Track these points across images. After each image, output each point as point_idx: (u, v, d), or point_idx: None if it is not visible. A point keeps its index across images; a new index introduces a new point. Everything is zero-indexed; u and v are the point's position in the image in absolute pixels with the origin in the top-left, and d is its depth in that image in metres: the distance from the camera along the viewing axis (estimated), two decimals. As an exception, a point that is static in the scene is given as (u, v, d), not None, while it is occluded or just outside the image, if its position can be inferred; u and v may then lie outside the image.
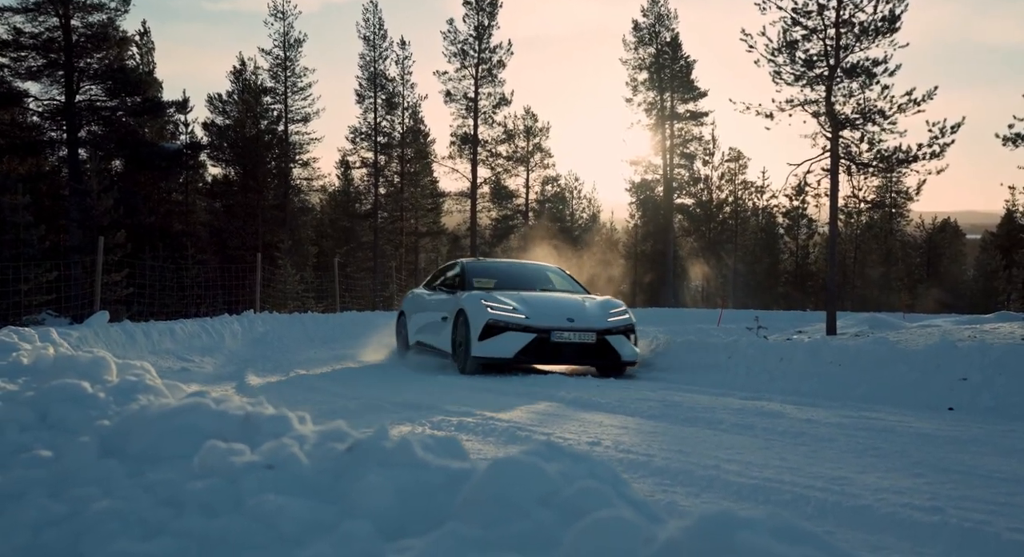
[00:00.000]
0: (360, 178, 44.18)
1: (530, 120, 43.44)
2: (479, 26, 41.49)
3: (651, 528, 1.61)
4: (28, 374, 4.78)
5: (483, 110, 42.03)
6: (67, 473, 2.44)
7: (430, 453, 2.24)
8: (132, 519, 1.98)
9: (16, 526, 1.96)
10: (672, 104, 43.35)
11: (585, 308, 10.71)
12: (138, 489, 2.20)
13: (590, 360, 10.42)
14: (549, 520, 1.74)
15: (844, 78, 21.71)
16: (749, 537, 1.43)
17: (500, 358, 10.13)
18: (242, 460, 2.26)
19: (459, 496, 1.98)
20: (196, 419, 2.70)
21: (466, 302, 10.50)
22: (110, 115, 32.52)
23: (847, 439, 5.66)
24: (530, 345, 10.01)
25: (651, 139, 44.73)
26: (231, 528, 1.91)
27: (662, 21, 43.42)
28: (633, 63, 43.87)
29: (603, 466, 1.99)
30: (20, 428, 3.08)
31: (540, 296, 11.13)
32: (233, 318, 15.72)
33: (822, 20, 22.01)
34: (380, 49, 42.33)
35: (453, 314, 10.71)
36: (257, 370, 9.89)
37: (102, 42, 31.41)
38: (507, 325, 10.10)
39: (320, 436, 2.54)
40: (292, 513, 1.96)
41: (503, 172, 43.31)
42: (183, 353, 12.52)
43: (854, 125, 22.06)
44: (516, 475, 1.88)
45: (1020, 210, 50.28)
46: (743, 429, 6.10)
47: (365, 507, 2.00)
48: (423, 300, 12.59)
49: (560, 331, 10.12)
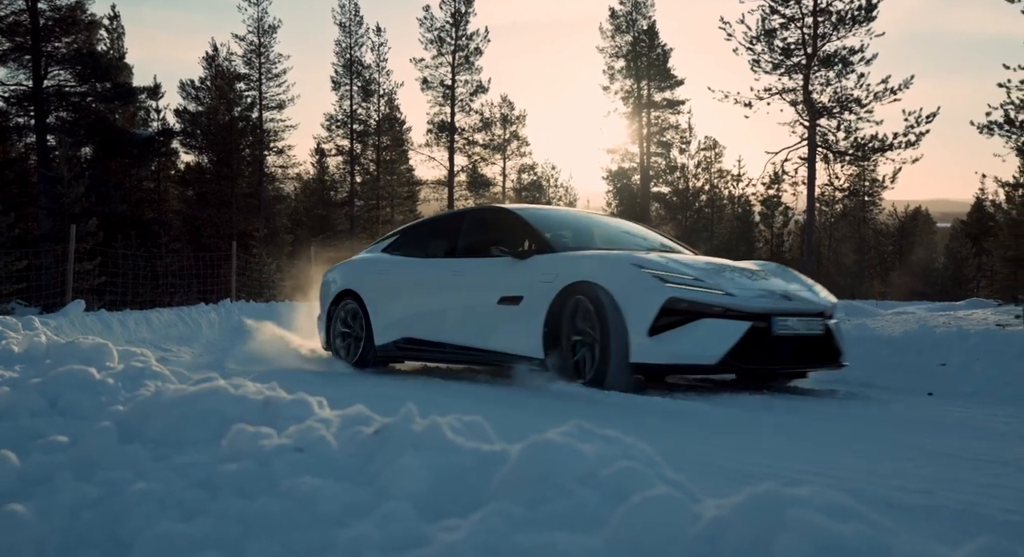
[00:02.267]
0: (336, 166, 43.97)
1: (507, 108, 43.42)
2: (456, 13, 41.35)
3: (696, 506, 1.64)
4: (23, 361, 4.75)
5: (460, 98, 41.96)
6: (90, 457, 2.44)
7: (459, 436, 2.27)
8: (169, 501, 1.99)
9: (54, 508, 1.96)
10: (649, 92, 43.49)
11: (779, 279, 7.03)
12: (169, 472, 2.20)
13: (811, 362, 6.82)
14: (591, 499, 1.77)
15: (821, 67, 21.92)
16: (800, 513, 1.47)
17: (692, 364, 6.33)
18: (271, 443, 2.27)
19: (495, 477, 2.01)
20: (215, 403, 2.71)
21: (599, 268, 6.46)
22: (79, 101, 32.08)
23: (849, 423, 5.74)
24: (744, 341, 6.18)
25: (628, 127, 44.90)
26: (270, 509, 1.92)
27: (639, 9, 43.51)
28: (610, 51, 43.96)
29: (637, 448, 2.03)
30: (31, 414, 3.07)
31: (704, 261, 7.20)
32: (210, 307, 15.67)
33: (800, 9, 22.21)
34: (356, 35, 42.09)
35: (552, 291, 6.55)
36: (238, 360, 9.88)
37: (70, 26, 30.95)
38: (703, 307, 6.17)
39: (343, 420, 2.55)
40: (328, 494, 1.98)
41: (480, 160, 43.25)
42: (160, 342, 12.45)
43: (831, 113, 22.29)
44: (554, 456, 1.91)
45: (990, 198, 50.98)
46: None
47: (400, 489, 2.02)
48: (411, 272, 8.26)
49: (782, 316, 6.35)
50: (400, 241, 9.00)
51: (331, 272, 9.40)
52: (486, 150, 43.02)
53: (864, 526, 1.48)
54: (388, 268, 8.63)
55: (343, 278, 9.04)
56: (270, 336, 9.82)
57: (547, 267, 6.83)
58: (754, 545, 1.48)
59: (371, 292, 8.55)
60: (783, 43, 22.55)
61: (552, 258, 6.89)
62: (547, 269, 6.81)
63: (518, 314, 6.88)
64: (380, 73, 42.70)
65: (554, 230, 7.53)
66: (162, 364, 4.13)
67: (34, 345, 5.10)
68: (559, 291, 6.54)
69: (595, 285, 6.30)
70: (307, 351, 9.53)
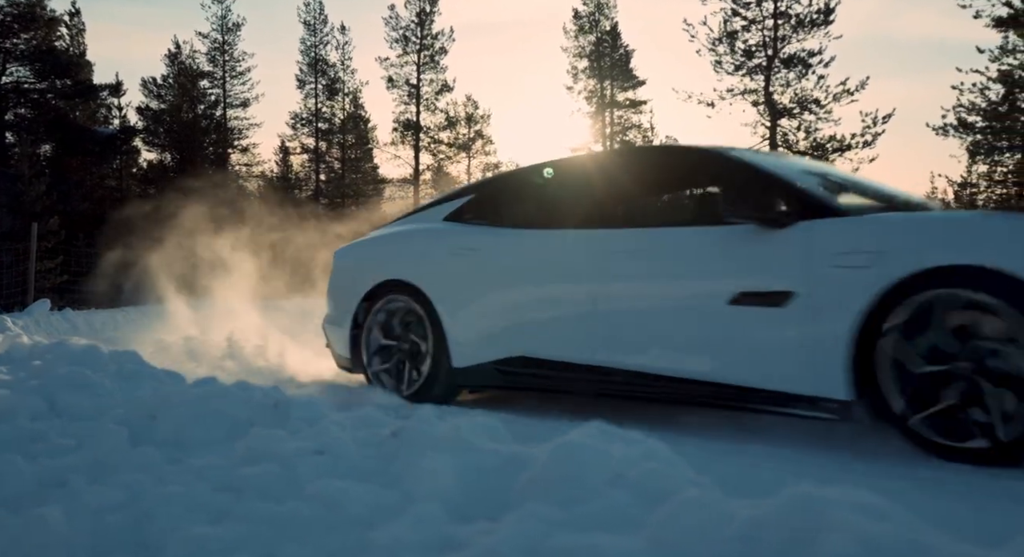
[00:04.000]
0: (300, 164, 43.60)
1: (472, 107, 43.29)
2: (421, 12, 41.20)
3: (730, 505, 1.68)
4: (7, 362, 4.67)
5: (425, 96, 41.77)
6: (103, 460, 2.43)
7: (477, 437, 2.29)
8: (193, 504, 1.99)
9: (78, 511, 1.95)
10: (612, 92, 43.63)
11: None
12: (188, 475, 2.20)
13: None
14: (623, 500, 1.80)
15: (782, 68, 22.23)
16: (840, 514, 1.51)
17: None
18: (290, 445, 2.27)
19: (520, 478, 2.03)
20: (224, 405, 2.70)
21: (996, 239, 3.58)
22: (39, 98, 31.54)
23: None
24: None
25: (591, 127, 45.01)
26: (299, 512, 1.93)
27: (602, 10, 43.62)
28: (573, 51, 44.01)
29: (659, 449, 2.06)
30: (31, 416, 3.03)
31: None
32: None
33: (760, 11, 22.48)
34: (321, 34, 41.76)
35: (872, 283, 3.80)
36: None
37: (29, 22, 30.41)
38: None
39: (356, 421, 2.56)
40: (355, 497, 1.99)
41: (445, 159, 43.12)
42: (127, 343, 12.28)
43: (791, 114, 22.59)
44: (582, 457, 1.94)
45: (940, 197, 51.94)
46: None
47: (426, 490, 2.04)
48: (528, 251, 5.17)
49: None
50: (478, 203, 5.58)
51: (353, 252, 6.13)
52: (451, 149, 42.85)
53: (896, 527, 1.52)
54: (476, 244, 5.29)
55: (383, 261, 5.74)
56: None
57: (850, 239, 4.08)
58: (795, 544, 1.51)
59: (443, 284, 5.30)
60: (744, 45, 22.84)
61: (854, 224, 4.09)
62: (851, 243, 4.07)
63: (782, 321, 4.17)
64: (345, 72, 42.42)
65: (807, 180, 4.50)
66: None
67: (16, 346, 5.03)
68: (892, 284, 3.76)
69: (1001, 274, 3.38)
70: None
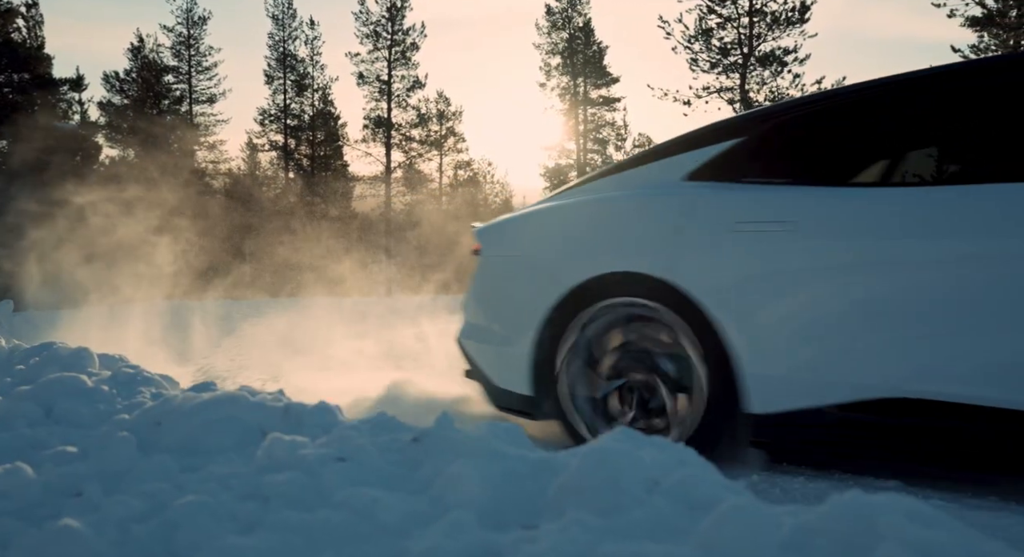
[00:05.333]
0: (269, 161, 43.26)
1: (443, 104, 43.20)
2: (392, 7, 41.01)
3: (774, 513, 1.67)
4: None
5: (397, 93, 41.62)
6: (114, 469, 2.37)
7: (501, 442, 2.26)
8: (221, 513, 1.94)
9: (103, 522, 1.90)
10: (585, 89, 43.75)
11: None
12: (210, 483, 2.15)
13: None
14: (665, 507, 1.79)
15: (757, 66, 22.41)
16: (892, 520, 1.50)
17: None
18: (311, 452, 2.23)
19: (553, 484, 2.01)
20: (234, 410, 2.65)
21: None
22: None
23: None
24: None
25: (565, 124, 45.08)
26: (330, 521, 1.89)
27: (575, 6, 43.70)
28: (546, 48, 44.06)
29: (689, 452, 2.05)
30: (28, 423, 2.96)
31: None
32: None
33: (736, 9, 22.62)
34: (289, 29, 41.44)
35: None
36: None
37: (-14, 15, 29.87)
38: None
39: (373, 426, 2.53)
40: (386, 505, 1.96)
41: (417, 156, 42.98)
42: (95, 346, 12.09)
43: (766, 113, 22.79)
44: (616, 463, 1.92)
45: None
46: None
47: (456, 497, 2.01)
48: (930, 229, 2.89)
49: None
50: (756, 150, 3.52)
51: (522, 231, 4.11)
52: (423, 146, 42.75)
53: (946, 534, 1.52)
54: (790, 215, 3.18)
55: (594, 245, 3.70)
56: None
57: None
58: (848, 552, 1.51)
59: (726, 279, 3.27)
60: (720, 43, 22.98)
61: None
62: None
63: None
64: (314, 67, 42.15)
65: None
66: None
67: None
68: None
69: None
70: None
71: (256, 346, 8.85)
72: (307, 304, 16.01)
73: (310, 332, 10.04)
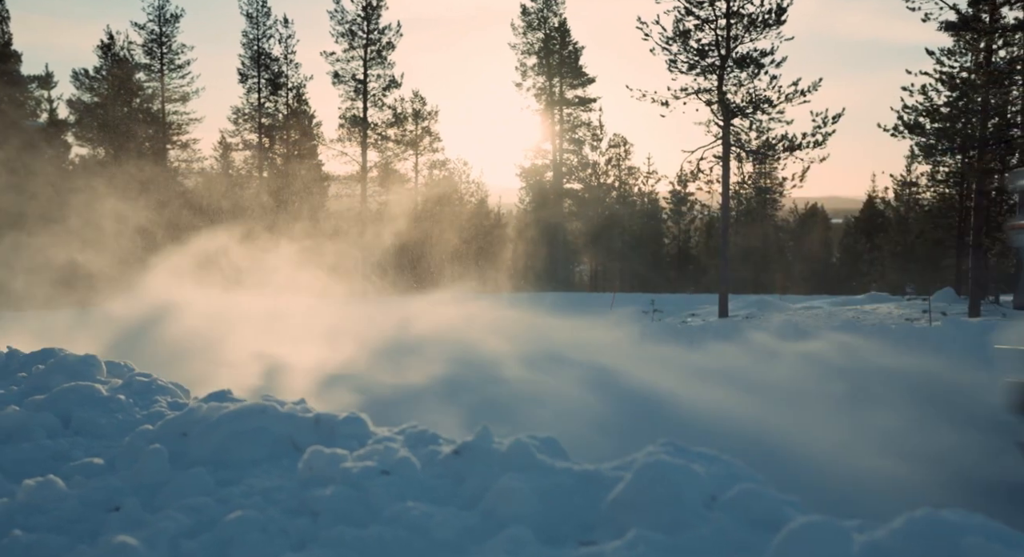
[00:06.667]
0: (243, 161, 42.82)
1: (419, 103, 43.00)
2: (367, 6, 40.74)
3: (844, 529, 1.67)
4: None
5: (372, 92, 41.34)
6: (149, 482, 2.33)
7: (541, 454, 2.25)
8: (272, 529, 1.92)
9: (155, 538, 1.87)
10: (561, 90, 43.78)
11: None
12: (255, 497, 2.12)
13: None
14: (727, 523, 1.78)
15: (735, 68, 22.51)
16: (975, 541, 1.51)
17: None
18: (355, 466, 2.21)
19: (603, 498, 2.00)
20: (264, 422, 2.62)
21: None
22: (-40, 88, 30.47)
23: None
24: None
25: (541, 124, 45.09)
26: (384, 536, 1.87)
27: (550, 6, 43.72)
28: (522, 48, 44.04)
29: (740, 466, 2.05)
30: (48, 434, 2.91)
31: None
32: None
33: (713, 11, 22.72)
34: (264, 27, 41.04)
35: None
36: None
37: (-49, 10, 29.34)
38: None
39: (408, 437, 2.51)
40: (439, 520, 1.95)
41: (392, 156, 42.74)
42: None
43: (744, 114, 22.87)
44: (671, 478, 1.91)
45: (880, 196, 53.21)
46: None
47: (507, 512, 2.00)
48: None
49: None
50: None
51: None
52: (399, 146, 42.53)
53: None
54: None
55: None
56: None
57: None
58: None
59: None
60: (698, 44, 23.04)
61: None
62: None
63: None
64: (289, 66, 41.76)
65: None
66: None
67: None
68: None
69: None
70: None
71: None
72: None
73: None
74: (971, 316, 19.33)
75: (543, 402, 6.41)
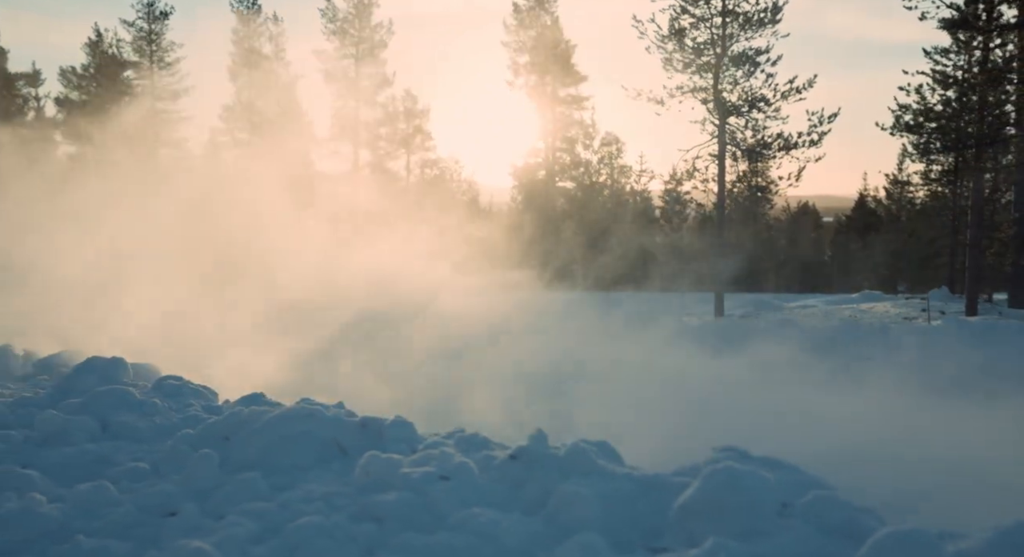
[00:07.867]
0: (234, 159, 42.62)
1: (411, 102, 42.90)
2: (359, 4, 40.62)
3: (931, 536, 1.66)
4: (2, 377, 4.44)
5: (364, 91, 41.20)
6: (200, 487, 2.31)
7: (599, 459, 2.24)
8: (338, 535, 1.91)
9: (226, 544, 1.85)
10: (554, 88, 43.72)
11: None
12: (316, 502, 2.11)
13: None
14: (803, 531, 1.78)
15: (731, 66, 22.51)
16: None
17: None
18: (412, 471, 2.20)
19: (671, 505, 1.99)
20: (311, 425, 2.61)
21: None
22: (-49, 87, 30.26)
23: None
24: None
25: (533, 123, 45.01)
26: (454, 544, 1.86)
27: (542, 4, 43.65)
28: (514, 46, 43.92)
29: (807, 473, 2.05)
30: (89, 437, 2.89)
31: None
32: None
33: (709, 9, 22.73)
34: (254, 24, 40.84)
35: None
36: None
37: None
38: None
39: (459, 442, 2.50)
40: (506, 527, 1.94)
41: (384, 155, 42.60)
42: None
43: (740, 112, 22.88)
44: (741, 484, 1.91)
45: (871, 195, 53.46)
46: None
47: (573, 518, 1.99)
48: None
49: None
50: None
51: None
52: (390, 144, 42.40)
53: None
54: None
55: None
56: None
57: None
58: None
59: None
60: (693, 42, 23.03)
61: None
62: None
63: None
64: (280, 64, 41.57)
65: None
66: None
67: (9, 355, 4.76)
68: None
69: None
70: None
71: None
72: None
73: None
74: (968, 315, 19.38)
75: None
